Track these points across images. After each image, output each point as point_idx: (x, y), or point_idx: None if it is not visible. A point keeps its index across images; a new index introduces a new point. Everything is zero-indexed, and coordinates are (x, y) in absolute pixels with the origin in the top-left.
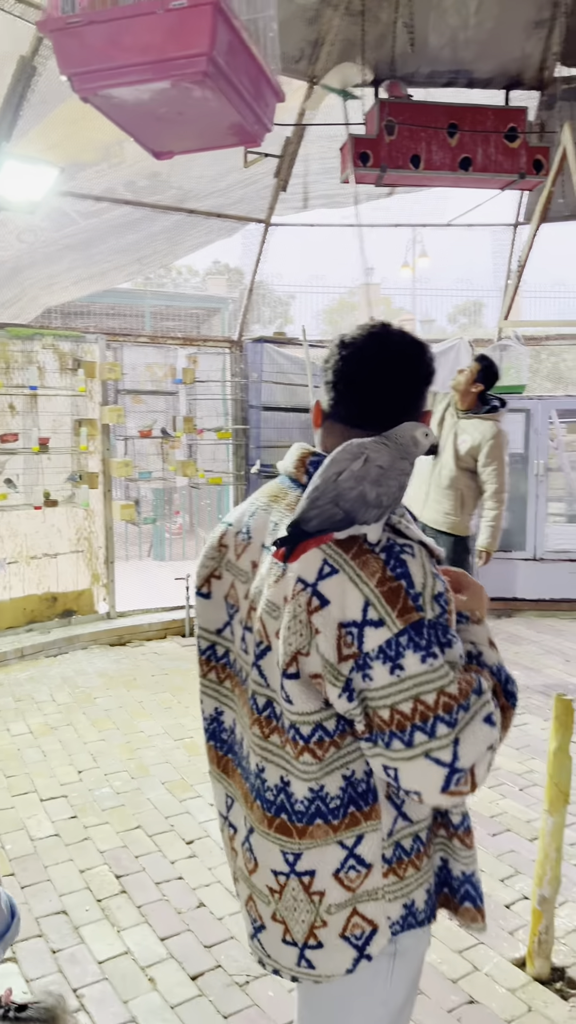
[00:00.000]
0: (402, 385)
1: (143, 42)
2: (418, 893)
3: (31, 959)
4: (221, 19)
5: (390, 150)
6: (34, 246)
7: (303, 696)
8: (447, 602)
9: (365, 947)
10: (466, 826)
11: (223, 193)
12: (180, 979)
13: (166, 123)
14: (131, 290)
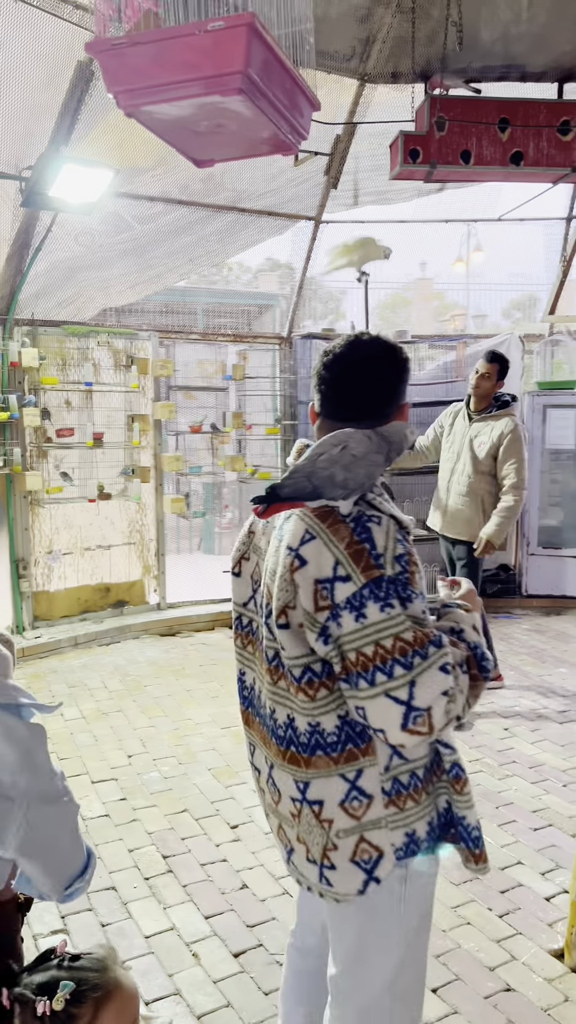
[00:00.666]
0: (372, 383)
1: (183, 61)
2: (419, 824)
3: (82, 932)
4: (255, 38)
5: (440, 146)
6: (91, 249)
7: (292, 643)
8: (408, 563)
9: (373, 870)
10: (455, 774)
11: (275, 192)
12: (223, 956)
13: (206, 135)
14: (185, 288)
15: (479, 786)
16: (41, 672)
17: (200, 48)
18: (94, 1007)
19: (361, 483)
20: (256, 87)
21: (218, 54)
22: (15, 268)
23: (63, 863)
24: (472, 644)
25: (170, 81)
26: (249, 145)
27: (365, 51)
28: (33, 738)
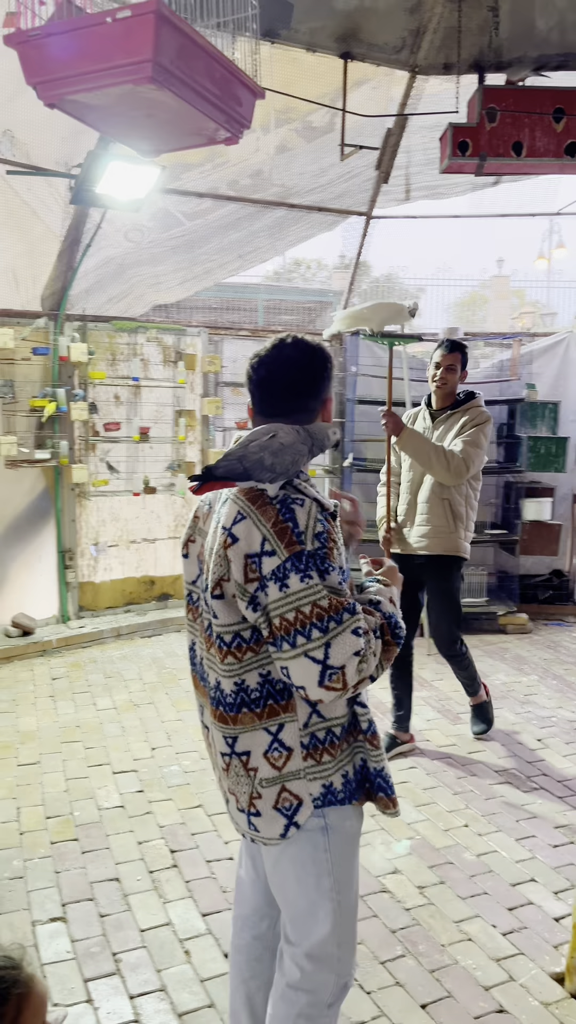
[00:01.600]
0: (295, 382)
1: (95, 51)
2: (335, 777)
3: (80, 921)
4: (165, 26)
5: (491, 138)
6: (140, 245)
7: (225, 612)
8: (327, 540)
9: (293, 816)
10: (372, 731)
11: (324, 188)
12: (214, 955)
13: (140, 125)
14: (245, 284)
15: (502, 797)
16: (81, 662)
17: (111, 36)
18: (17, 1004)
19: (287, 468)
20: (172, 75)
21: (128, 42)
22: (66, 264)
23: None
24: (387, 614)
25: (84, 71)
26: (187, 136)
27: (415, 42)
28: None
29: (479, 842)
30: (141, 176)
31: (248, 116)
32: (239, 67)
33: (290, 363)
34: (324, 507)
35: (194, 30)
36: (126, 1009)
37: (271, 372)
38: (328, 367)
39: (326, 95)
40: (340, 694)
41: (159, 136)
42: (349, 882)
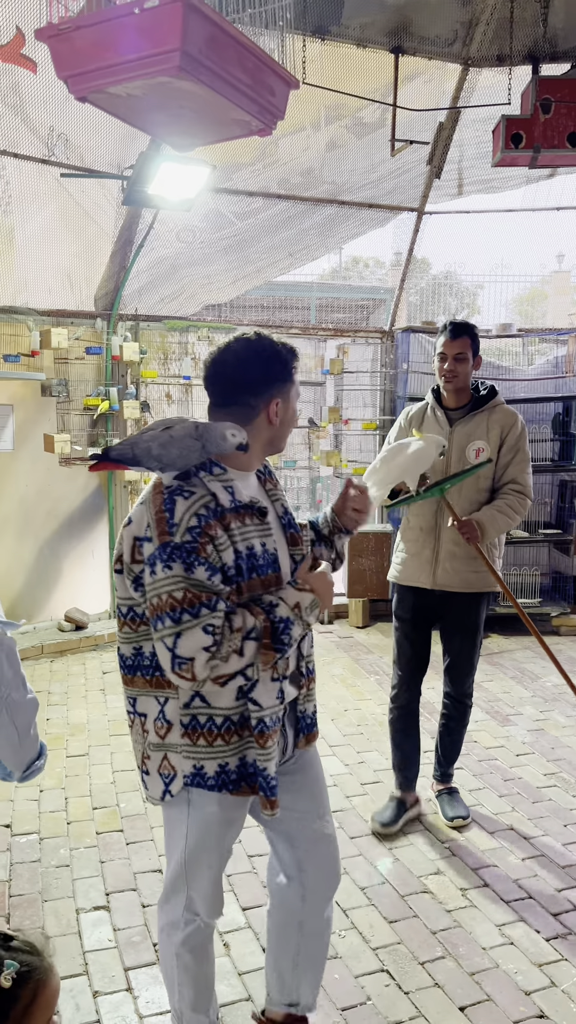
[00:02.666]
0: (234, 379)
1: (124, 42)
2: (208, 764)
3: (122, 910)
4: (194, 15)
5: (544, 129)
6: (192, 246)
7: (121, 585)
8: (199, 535)
9: (169, 784)
10: (261, 730)
11: (375, 184)
12: (253, 948)
13: (171, 118)
14: (297, 283)
15: (550, 801)
16: None
17: (140, 27)
18: (34, 989)
19: (173, 460)
20: (201, 65)
21: (156, 32)
22: (119, 265)
23: (27, 747)
24: (277, 618)
25: (113, 63)
26: (219, 127)
27: (468, 35)
28: (10, 646)
29: (525, 845)
30: (192, 176)
31: (282, 106)
32: (272, 57)
33: (234, 359)
34: (220, 504)
35: (224, 19)
36: (164, 999)
37: (215, 365)
38: (278, 368)
39: (377, 91)
40: (191, 684)
41: (191, 128)
42: (200, 851)
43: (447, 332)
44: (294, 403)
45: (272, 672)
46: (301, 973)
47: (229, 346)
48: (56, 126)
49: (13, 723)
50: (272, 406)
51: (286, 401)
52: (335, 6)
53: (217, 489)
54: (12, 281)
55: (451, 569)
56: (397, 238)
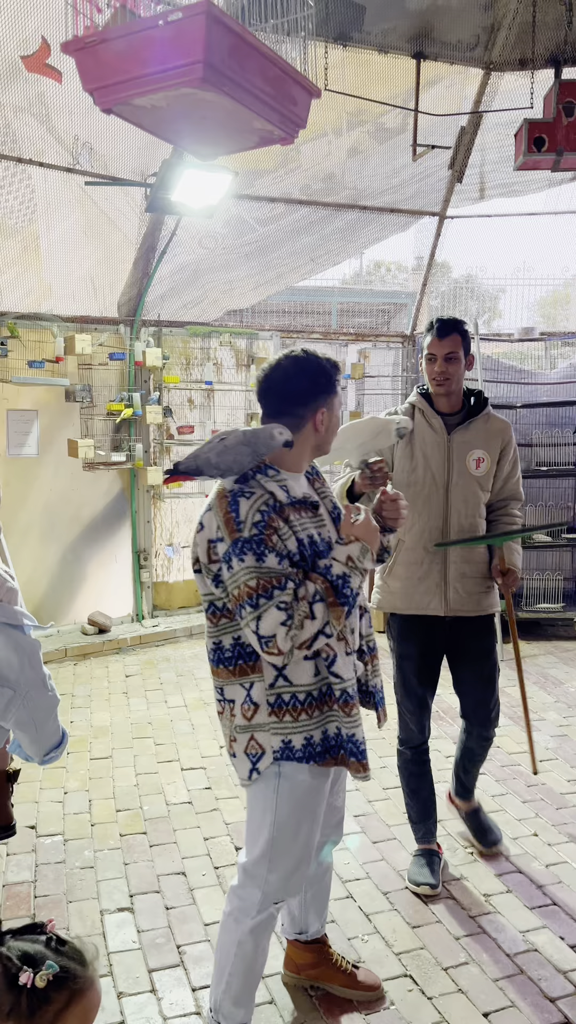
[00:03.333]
0: (281, 391)
1: (149, 54)
2: (296, 737)
3: (146, 912)
4: (216, 26)
5: (567, 132)
6: (215, 252)
7: (201, 584)
8: (264, 528)
9: (256, 763)
10: (344, 699)
11: (397, 189)
12: (275, 952)
13: (194, 128)
14: (318, 287)
15: (574, 807)
16: (154, 660)
17: (164, 39)
18: (68, 997)
19: (230, 466)
20: (224, 76)
21: (179, 44)
22: (142, 271)
23: (45, 737)
24: (334, 576)
25: (139, 75)
26: (241, 136)
27: (490, 39)
28: (33, 648)
29: (549, 852)
30: (214, 183)
31: (303, 115)
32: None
33: (283, 374)
34: (277, 500)
35: (246, 30)
36: (188, 1001)
37: (267, 381)
38: (323, 382)
39: (398, 96)
40: (280, 659)
41: (215, 138)
42: (289, 823)
43: (434, 330)
44: (337, 411)
45: (345, 647)
46: (308, 908)
47: (279, 363)
48: (81, 135)
49: (32, 719)
50: (318, 415)
51: (330, 410)
52: (357, 13)
53: (274, 488)
54: (38, 288)
55: (464, 592)
56: (419, 242)
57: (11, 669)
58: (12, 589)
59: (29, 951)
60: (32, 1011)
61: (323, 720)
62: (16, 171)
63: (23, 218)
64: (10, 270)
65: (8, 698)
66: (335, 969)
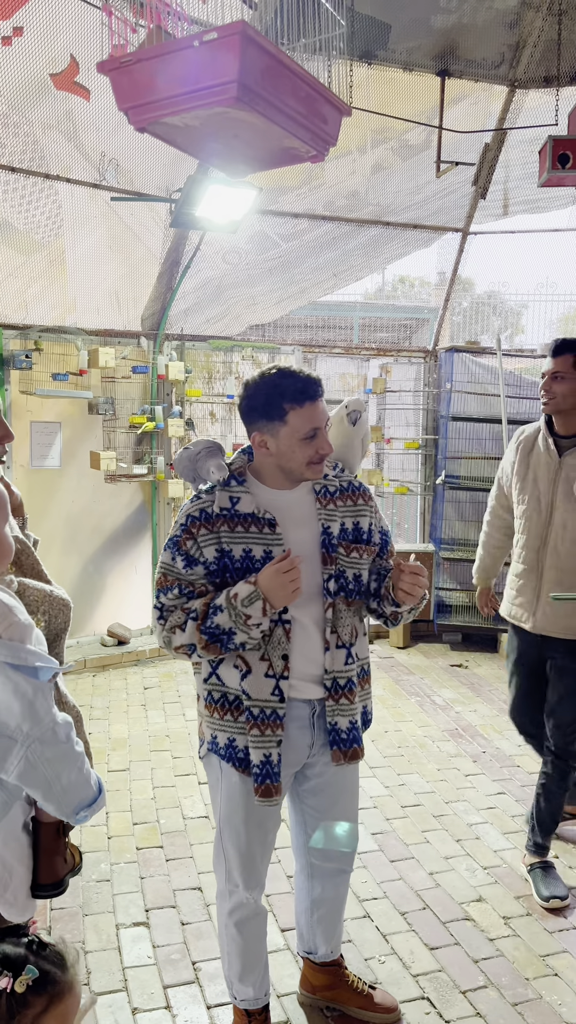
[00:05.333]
0: (245, 407)
1: (183, 74)
2: (220, 735)
3: (162, 927)
4: (251, 47)
5: None
6: (238, 267)
7: None
8: (183, 529)
9: (200, 747)
10: (247, 717)
11: (420, 205)
12: (292, 971)
13: (226, 146)
14: (340, 302)
15: None
16: (172, 672)
17: (199, 59)
18: (47, 1001)
19: (181, 473)
20: (258, 95)
21: (214, 64)
22: (166, 286)
23: (65, 794)
24: (212, 606)
25: (173, 94)
26: (274, 156)
27: (515, 57)
28: (37, 694)
29: (570, 875)
30: (238, 198)
31: (334, 134)
32: (325, 85)
33: (243, 391)
34: (212, 510)
35: (280, 50)
36: (203, 1019)
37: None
38: (256, 405)
39: (423, 113)
40: (164, 649)
41: (246, 156)
42: (230, 819)
43: (551, 347)
44: (291, 437)
45: (266, 668)
46: (315, 929)
47: (246, 381)
48: (107, 151)
49: (42, 773)
50: (255, 439)
51: (274, 437)
52: (382, 31)
53: (222, 499)
54: (63, 302)
55: (551, 613)
56: (442, 258)
57: (11, 716)
58: (24, 625)
59: (9, 954)
60: (11, 1015)
61: (231, 728)
62: (43, 187)
63: (50, 233)
64: (36, 284)
65: (5, 747)
66: (351, 990)
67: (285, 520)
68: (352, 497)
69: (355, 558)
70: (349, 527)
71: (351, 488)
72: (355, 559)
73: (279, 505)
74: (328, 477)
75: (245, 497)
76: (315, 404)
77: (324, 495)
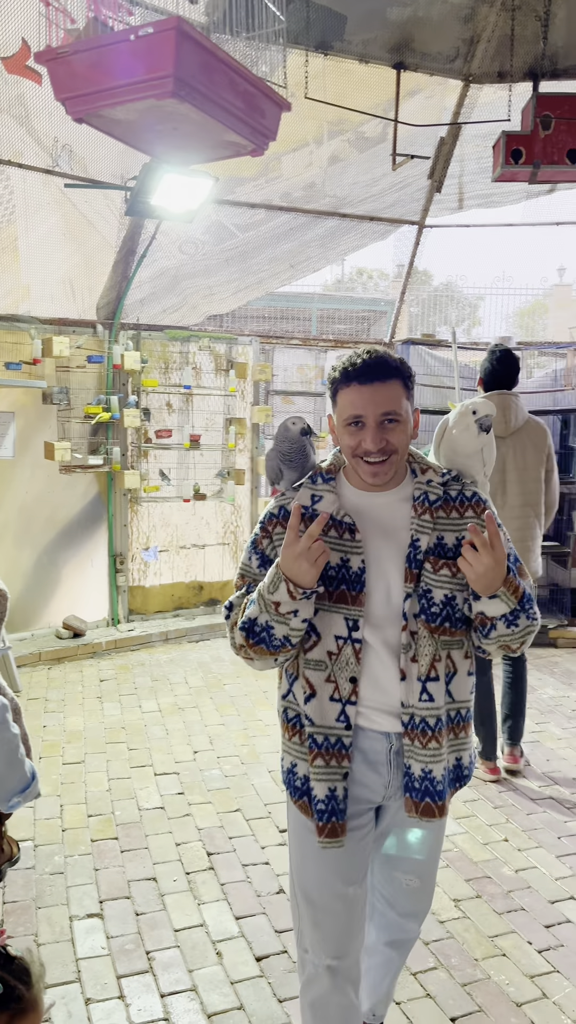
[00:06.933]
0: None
1: (120, 67)
2: (287, 757)
3: (116, 918)
4: (187, 42)
5: (544, 146)
6: (195, 257)
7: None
8: (260, 531)
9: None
10: (309, 745)
11: (377, 197)
12: (246, 958)
13: (165, 138)
14: (298, 293)
15: (544, 813)
16: (129, 664)
17: (135, 53)
18: (8, 1018)
19: (270, 475)
20: (194, 89)
21: (150, 58)
22: (121, 274)
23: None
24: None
25: (109, 86)
26: (212, 147)
27: (469, 51)
28: None
29: (518, 857)
30: (195, 188)
31: (273, 128)
32: (264, 80)
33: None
34: (283, 507)
35: (216, 46)
36: (156, 1007)
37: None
38: (330, 383)
39: (379, 106)
40: (237, 654)
41: (185, 149)
42: (300, 862)
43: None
44: (338, 420)
45: (332, 690)
46: (367, 991)
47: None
48: (60, 137)
49: None
50: (330, 419)
51: (335, 419)
52: (338, 22)
53: (303, 496)
54: (16, 289)
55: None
56: (399, 251)
57: None
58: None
59: None
60: None
61: (298, 753)
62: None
63: (2, 219)
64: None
65: None
66: None
67: (370, 526)
68: (461, 508)
69: (445, 576)
70: (449, 542)
71: (462, 498)
72: (445, 577)
73: (366, 509)
74: (431, 483)
75: (328, 496)
76: (364, 387)
77: (423, 502)
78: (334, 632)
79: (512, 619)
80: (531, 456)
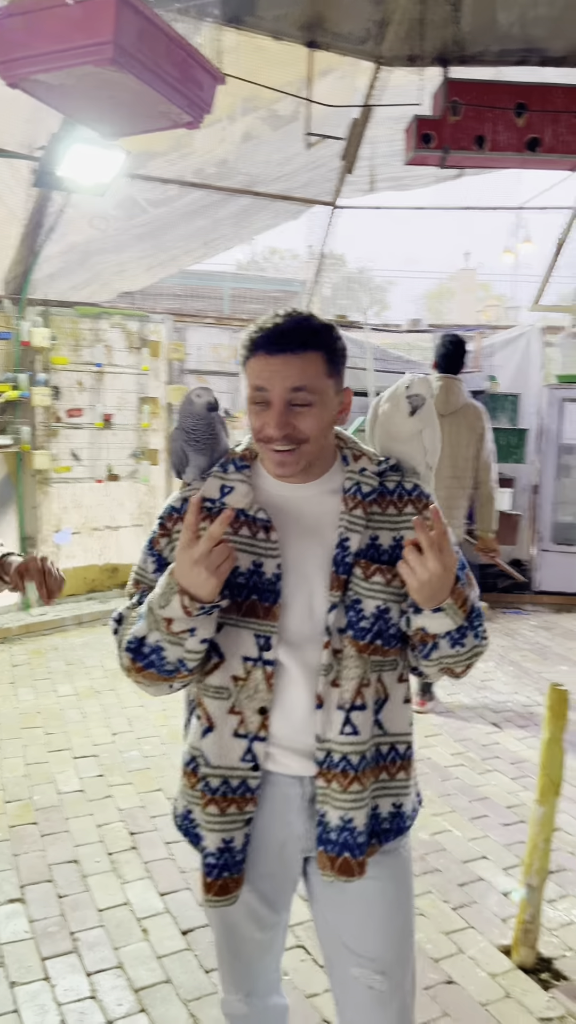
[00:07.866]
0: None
1: (57, 32)
2: (180, 802)
3: (38, 902)
4: (126, 8)
5: (454, 131)
6: (106, 233)
7: None
8: (160, 527)
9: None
10: (201, 788)
11: (289, 177)
12: (171, 933)
13: (101, 107)
14: (211, 272)
15: (458, 780)
16: (42, 649)
17: (72, 18)
18: None
19: (175, 464)
20: (133, 57)
21: (89, 23)
22: (28, 248)
23: None
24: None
25: (46, 51)
26: (148, 118)
27: (380, 33)
28: None
29: (433, 822)
30: (106, 161)
31: (209, 100)
32: (201, 52)
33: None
34: (187, 500)
35: (155, 13)
36: (83, 986)
37: None
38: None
39: (292, 84)
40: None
41: (121, 118)
42: (208, 912)
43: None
44: (247, 397)
45: (236, 724)
46: None
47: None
48: None
49: None
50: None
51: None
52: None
53: (210, 487)
54: None
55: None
56: (311, 232)
57: None
58: None
59: None
60: None
61: (188, 799)
62: None
63: None
64: None
65: None
66: None
67: (289, 524)
68: (399, 504)
69: (378, 584)
70: (385, 543)
71: (400, 491)
72: (378, 585)
73: (286, 503)
74: (365, 472)
75: (240, 487)
76: (272, 357)
77: (355, 494)
78: (241, 652)
79: (458, 638)
80: (465, 435)
